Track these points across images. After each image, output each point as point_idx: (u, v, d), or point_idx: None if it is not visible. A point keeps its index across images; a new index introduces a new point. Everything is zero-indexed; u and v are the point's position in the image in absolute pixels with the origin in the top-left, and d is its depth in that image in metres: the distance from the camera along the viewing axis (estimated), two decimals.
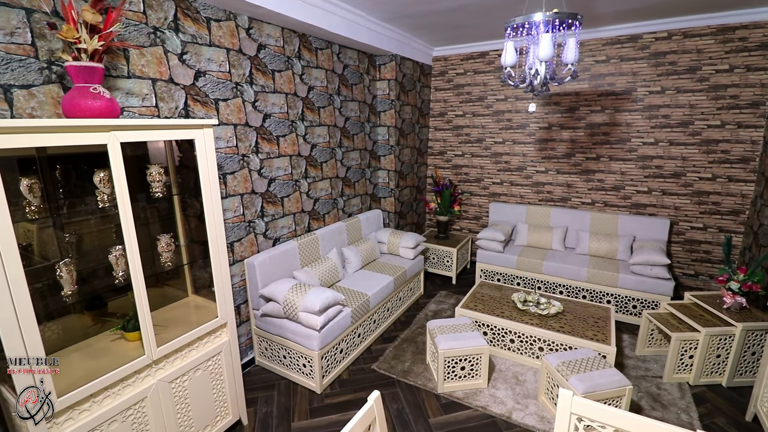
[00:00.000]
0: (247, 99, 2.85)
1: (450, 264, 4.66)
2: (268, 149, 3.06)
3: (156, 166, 2.04)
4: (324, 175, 3.72)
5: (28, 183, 1.61)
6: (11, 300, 1.40)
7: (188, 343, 2.09)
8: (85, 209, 1.93)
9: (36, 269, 1.77)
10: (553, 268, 4.00)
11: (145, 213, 2.18)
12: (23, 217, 1.62)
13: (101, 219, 1.99)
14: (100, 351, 1.92)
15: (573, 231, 4.38)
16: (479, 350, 2.77)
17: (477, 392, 2.80)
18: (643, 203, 4.17)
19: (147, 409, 1.91)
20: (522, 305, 3.24)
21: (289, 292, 2.75)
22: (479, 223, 5.19)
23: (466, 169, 5.12)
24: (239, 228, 2.89)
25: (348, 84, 3.89)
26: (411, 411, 2.62)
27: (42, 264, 1.80)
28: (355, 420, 1.19)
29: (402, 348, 3.34)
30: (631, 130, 4.08)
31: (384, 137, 4.46)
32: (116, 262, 1.88)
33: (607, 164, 4.26)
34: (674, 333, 2.83)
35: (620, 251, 3.97)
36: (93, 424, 1.69)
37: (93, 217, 1.97)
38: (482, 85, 4.74)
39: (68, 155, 1.87)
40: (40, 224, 1.79)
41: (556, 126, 4.42)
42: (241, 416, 2.46)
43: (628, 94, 4.03)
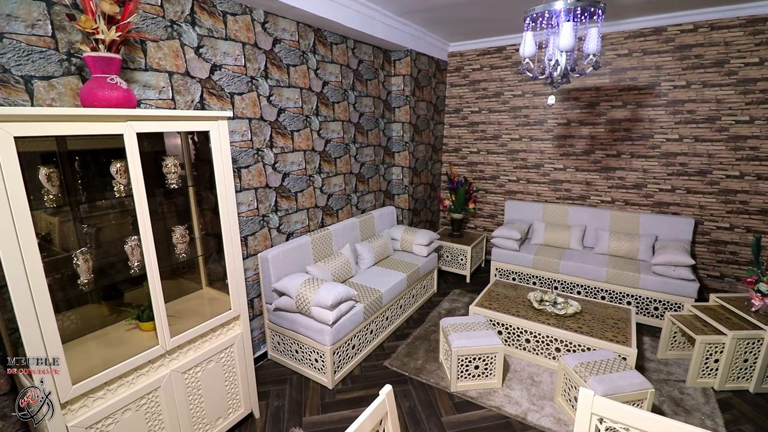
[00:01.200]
0: (262, 93, 2.85)
1: (464, 262, 4.60)
2: (282, 144, 3.05)
3: (171, 158, 2.05)
4: (338, 171, 3.70)
5: (46, 172, 1.63)
6: (29, 289, 1.42)
7: (201, 334, 2.10)
8: (102, 200, 1.95)
9: (54, 260, 1.80)
10: (571, 267, 3.90)
11: (160, 205, 2.20)
12: (41, 205, 1.64)
13: (117, 210, 2.01)
14: (115, 340, 1.94)
15: (592, 230, 4.27)
16: (494, 349, 2.71)
17: (491, 392, 2.74)
18: (666, 202, 4.03)
19: (160, 398, 1.92)
20: (538, 304, 3.17)
21: (301, 287, 2.74)
22: (494, 221, 5.11)
23: (481, 166, 5.05)
24: (253, 222, 2.90)
25: (362, 79, 3.87)
26: (423, 409, 2.58)
27: (60, 255, 1.83)
28: (366, 414, 1.16)
29: (415, 346, 3.30)
30: (654, 126, 3.95)
31: (398, 133, 4.42)
32: (131, 252, 1.90)
33: (628, 161, 4.13)
34: (699, 336, 2.72)
35: (641, 251, 3.85)
36: (107, 412, 1.71)
37: (110, 207, 1.99)
38: (499, 80, 4.66)
39: (87, 149, 1.90)
40: (57, 214, 1.81)
41: (575, 122, 4.31)
42: (252, 409, 2.46)
43: (651, 89, 3.90)
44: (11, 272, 1.38)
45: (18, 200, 1.37)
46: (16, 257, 1.38)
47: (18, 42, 1.71)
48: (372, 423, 1.17)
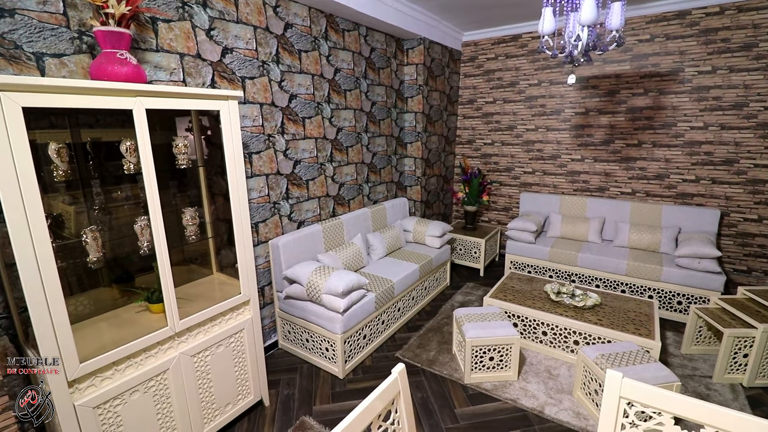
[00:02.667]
0: (274, 78, 2.81)
1: (478, 255, 4.50)
2: (293, 130, 3.02)
3: (182, 138, 2.02)
4: (349, 160, 3.65)
5: (56, 147, 1.61)
6: (37, 266, 1.40)
7: (211, 317, 2.07)
8: (111, 179, 1.94)
9: (63, 236, 1.79)
10: (589, 260, 3.77)
11: (170, 186, 2.18)
12: (50, 179, 1.62)
13: (127, 189, 1.99)
14: (124, 321, 1.92)
15: (611, 222, 4.13)
16: (509, 340, 2.62)
17: (506, 385, 2.65)
18: (690, 193, 3.88)
19: (169, 381, 1.89)
20: (555, 296, 3.06)
21: (312, 274, 2.70)
22: (509, 214, 5.00)
23: (495, 158, 4.94)
24: (264, 209, 2.87)
25: (375, 68, 3.81)
26: (436, 400, 2.51)
27: (69, 233, 1.81)
28: (378, 391, 1.10)
29: (427, 337, 3.23)
30: (677, 114, 3.80)
31: (411, 123, 4.35)
32: (141, 232, 1.88)
33: (649, 151, 3.98)
34: (727, 329, 2.59)
35: (664, 243, 3.70)
36: (115, 392, 1.68)
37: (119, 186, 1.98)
38: (514, 69, 4.55)
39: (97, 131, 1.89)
40: (67, 190, 1.80)
41: (594, 111, 4.18)
42: (262, 396, 2.43)
43: (675, 75, 3.75)
44: (20, 249, 1.36)
45: (26, 174, 1.35)
46: (24, 233, 1.36)
47: (30, 18, 1.70)
48: (383, 402, 1.11)
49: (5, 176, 1.31)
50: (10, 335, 1.76)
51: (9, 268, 1.71)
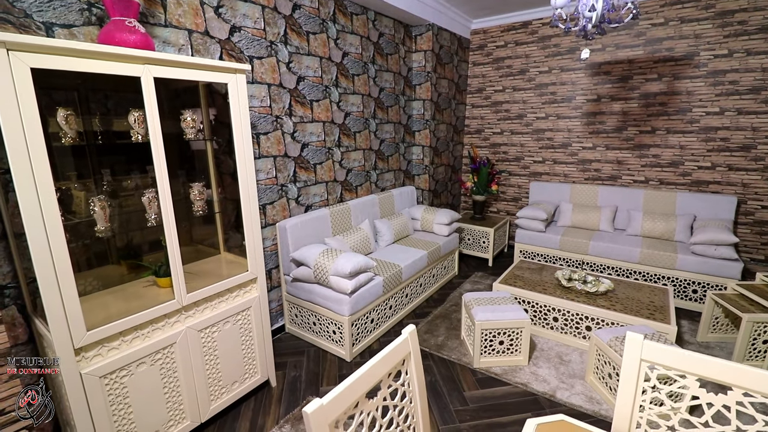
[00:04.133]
0: (282, 59, 2.79)
1: (486, 245, 4.45)
2: (301, 113, 3.00)
3: (190, 112, 2.01)
4: (357, 146, 3.63)
5: (64, 114, 1.60)
6: (45, 234, 1.40)
7: (218, 293, 2.05)
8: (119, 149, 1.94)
9: (73, 217, 1.78)
10: (601, 248, 3.70)
11: (178, 160, 2.17)
12: (58, 142, 1.62)
13: (135, 161, 1.98)
14: (132, 295, 1.91)
15: (623, 211, 4.05)
16: (520, 323, 2.57)
17: (516, 369, 2.60)
18: (705, 180, 3.79)
19: (176, 355, 1.88)
20: (567, 282, 3.00)
21: (320, 256, 2.67)
22: (518, 204, 4.93)
23: (504, 147, 4.88)
24: (271, 191, 2.85)
25: (383, 53, 3.78)
26: (445, 384, 2.47)
27: (77, 200, 1.81)
28: (388, 349, 1.07)
29: (435, 324, 3.19)
30: (692, 99, 3.71)
31: (419, 111, 4.31)
32: (149, 204, 1.87)
33: (663, 138, 3.90)
34: (745, 314, 2.51)
35: (678, 231, 3.62)
36: (121, 363, 1.67)
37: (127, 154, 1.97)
38: (524, 57, 4.49)
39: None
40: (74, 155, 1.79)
41: (606, 97, 4.10)
42: (269, 377, 2.41)
43: (690, 59, 3.66)
44: (28, 214, 1.35)
45: (34, 137, 1.34)
46: (33, 198, 1.35)
47: None
48: (393, 361, 1.08)
49: (14, 139, 1.30)
50: (19, 305, 1.76)
51: (18, 238, 1.71)
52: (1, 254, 1.70)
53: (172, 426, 1.91)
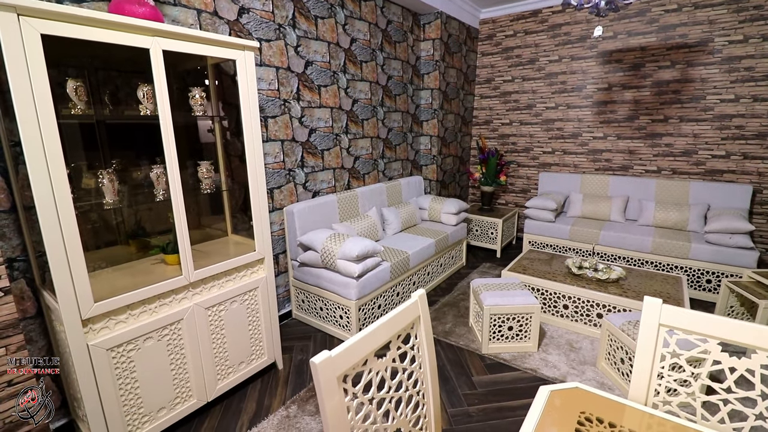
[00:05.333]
0: (290, 43, 2.79)
1: (494, 236, 4.40)
2: (309, 98, 2.98)
3: (198, 89, 2.00)
4: (365, 134, 3.61)
5: (74, 85, 1.60)
6: (54, 204, 1.40)
7: (225, 271, 2.04)
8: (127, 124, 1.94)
9: (80, 177, 1.78)
10: (612, 238, 3.64)
11: (186, 141, 2.16)
12: (69, 115, 1.62)
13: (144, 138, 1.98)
14: (140, 271, 1.91)
15: (635, 201, 3.98)
16: (529, 309, 2.53)
17: (526, 355, 2.56)
18: (720, 169, 3.71)
19: (183, 332, 1.87)
20: (577, 270, 2.95)
21: (327, 240, 2.66)
22: (527, 196, 4.88)
23: (513, 138, 4.83)
24: (279, 175, 2.84)
25: (391, 41, 3.76)
26: (452, 368, 2.44)
27: (86, 175, 1.81)
28: (398, 310, 1.05)
29: (443, 311, 3.16)
30: (706, 87, 3.64)
31: (427, 101, 4.28)
32: (157, 179, 1.86)
33: (676, 126, 3.83)
34: (762, 300, 2.45)
35: (692, 221, 3.54)
36: (128, 337, 1.67)
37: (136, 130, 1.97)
38: (534, 46, 4.44)
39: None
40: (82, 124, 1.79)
41: (618, 86, 4.04)
42: (276, 359, 2.39)
43: (704, 46, 3.59)
44: (38, 185, 1.35)
45: (45, 104, 1.34)
46: (42, 166, 1.35)
47: None
48: (402, 323, 1.06)
49: (24, 106, 1.30)
50: (27, 278, 1.76)
51: (27, 210, 1.72)
52: (11, 227, 1.70)
53: (178, 403, 1.90)
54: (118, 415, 1.67)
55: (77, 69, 1.79)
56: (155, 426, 1.82)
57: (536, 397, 1.07)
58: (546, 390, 1.09)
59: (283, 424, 1.98)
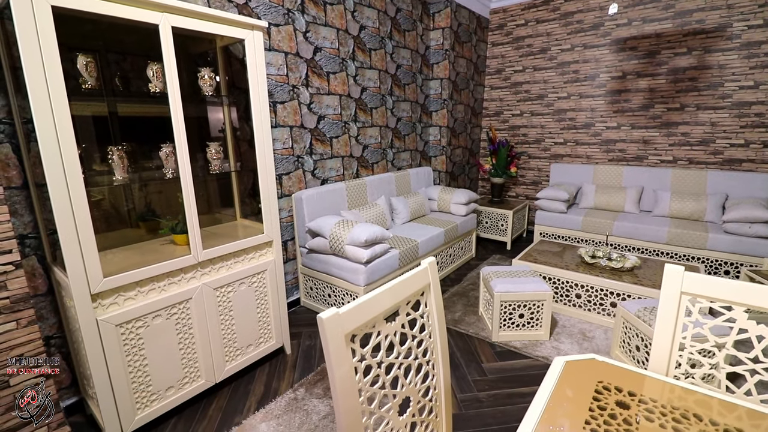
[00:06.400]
0: (299, 28, 2.77)
1: (504, 228, 4.34)
2: (318, 84, 2.97)
3: (207, 70, 2.00)
4: (374, 122, 3.58)
5: (84, 60, 1.60)
6: (66, 182, 1.40)
7: (234, 252, 2.04)
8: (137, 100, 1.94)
9: (89, 155, 1.79)
10: (627, 228, 3.56)
11: (196, 122, 2.16)
12: (79, 91, 1.62)
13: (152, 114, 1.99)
14: (149, 251, 1.91)
15: (650, 191, 3.89)
16: (541, 296, 2.48)
17: (537, 344, 2.51)
18: (739, 158, 3.60)
19: (191, 311, 1.87)
20: (591, 259, 2.89)
21: (335, 226, 2.64)
22: (538, 188, 4.81)
23: (524, 129, 4.76)
24: (288, 161, 2.83)
25: (401, 29, 3.73)
26: (462, 356, 2.40)
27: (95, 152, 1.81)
28: (407, 275, 1.02)
29: (452, 301, 3.12)
30: (724, 73, 3.54)
31: (436, 91, 4.24)
32: (166, 158, 1.86)
33: (693, 115, 3.73)
34: None
35: (709, 211, 3.45)
36: (137, 313, 1.67)
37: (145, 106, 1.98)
38: (545, 35, 4.37)
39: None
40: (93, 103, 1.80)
41: (632, 74, 3.95)
42: (284, 344, 2.38)
43: (722, 31, 3.49)
44: (48, 158, 1.36)
45: (55, 78, 1.34)
46: (53, 143, 1.37)
47: None
48: (411, 289, 1.03)
49: (35, 79, 1.31)
50: (39, 256, 1.78)
51: (39, 188, 1.73)
52: (23, 203, 1.71)
53: (187, 383, 1.90)
54: (126, 392, 1.67)
55: (88, 51, 1.80)
56: (163, 405, 1.82)
57: (551, 367, 1.03)
58: (561, 360, 1.05)
59: (291, 405, 1.96)
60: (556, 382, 0.96)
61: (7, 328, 1.54)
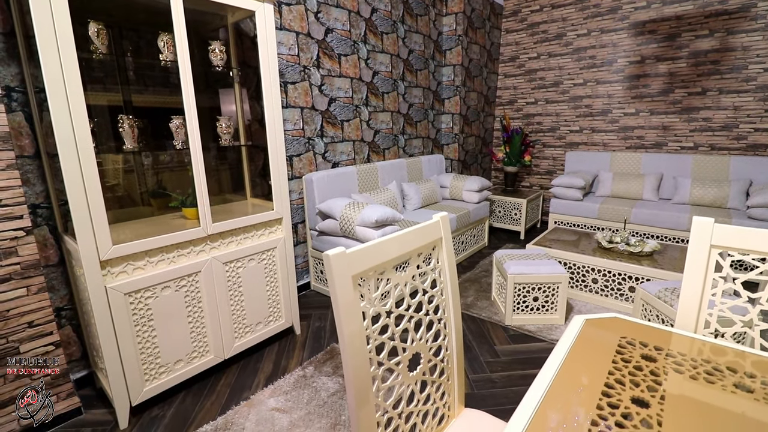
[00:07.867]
0: (310, 8, 2.75)
1: (518, 218, 4.25)
2: (329, 66, 2.95)
3: (218, 43, 1.99)
4: (385, 107, 3.55)
5: (96, 27, 1.60)
6: (77, 152, 1.41)
7: (243, 228, 2.02)
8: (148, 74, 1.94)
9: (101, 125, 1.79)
10: (645, 215, 3.45)
11: (206, 95, 2.16)
12: (89, 56, 1.62)
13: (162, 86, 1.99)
14: (160, 223, 1.91)
15: (669, 178, 3.77)
16: (556, 278, 2.41)
17: (552, 328, 2.44)
18: (763, 143, 3.46)
19: (200, 284, 1.85)
20: (608, 244, 2.80)
21: (346, 208, 2.61)
22: (552, 178, 4.70)
23: (539, 117, 4.67)
24: (298, 143, 2.81)
25: (413, 14, 3.69)
26: (474, 339, 2.35)
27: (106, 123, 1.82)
28: (418, 227, 0.97)
29: (464, 287, 3.06)
30: (748, 55, 3.41)
31: (449, 77, 4.19)
32: (176, 131, 1.85)
33: (715, 99, 3.60)
34: None
35: (732, 197, 3.32)
36: (146, 283, 1.66)
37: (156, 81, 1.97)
38: (561, 20, 4.28)
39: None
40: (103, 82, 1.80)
41: (651, 58, 3.84)
42: (294, 324, 2.36)
43: (746, 12, 3.36)
44: (59, 128, 1.37)
45: (67, 46, 1.35)
46: (64, 107, 1.37)
47: None
48: (422, 241, 0.98)
49: (47, 48, 1.32)
50: (50, 226, 1.78)
51: (51, 158, 1.73)
52: (35, 173, 1.72)
53: (195, 357, 1.89)
54: (135, 363, 1.66)
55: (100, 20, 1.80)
56: (172, 378, 1.81)
57: (569, 325, 0.98)
58: (581, 318, 0.99)
59: (300, 383, 1.94)
60: (576, 337, 0.91)
61: (18, 294, 1.55)
